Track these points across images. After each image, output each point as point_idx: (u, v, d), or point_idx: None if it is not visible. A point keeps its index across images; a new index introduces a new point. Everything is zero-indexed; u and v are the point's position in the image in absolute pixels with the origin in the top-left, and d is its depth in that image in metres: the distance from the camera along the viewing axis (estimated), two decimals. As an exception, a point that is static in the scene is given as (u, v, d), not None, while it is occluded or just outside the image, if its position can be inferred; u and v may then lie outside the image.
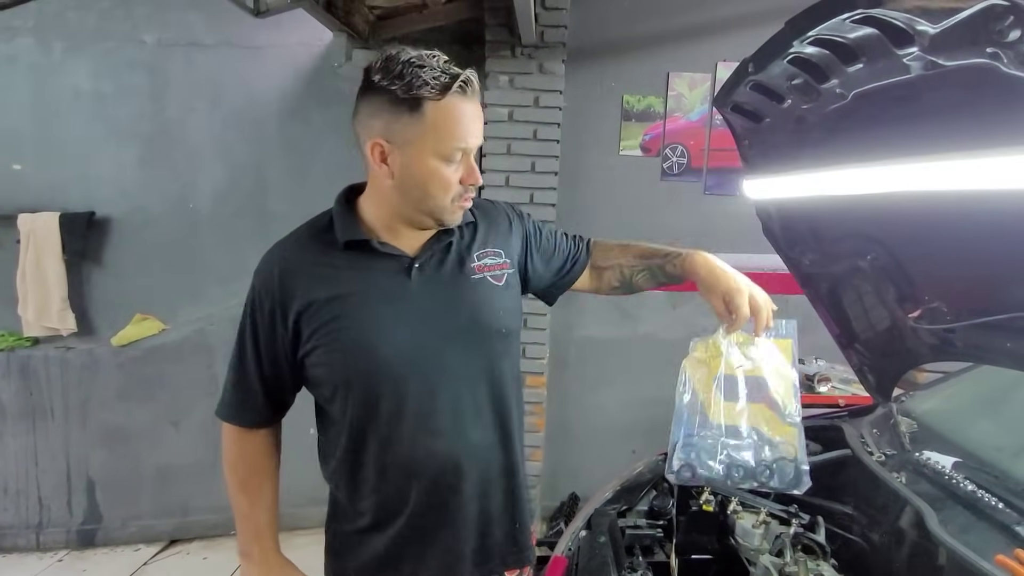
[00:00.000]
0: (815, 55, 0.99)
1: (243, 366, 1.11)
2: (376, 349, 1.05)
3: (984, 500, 1.15)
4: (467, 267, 1.14)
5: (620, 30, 2.97)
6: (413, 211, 1.05)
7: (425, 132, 0.97)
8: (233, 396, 1.13)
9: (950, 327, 1.35)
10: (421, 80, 0.96)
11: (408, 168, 1.00)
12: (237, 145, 3.08)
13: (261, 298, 1.09)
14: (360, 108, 1.02)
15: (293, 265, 1.08)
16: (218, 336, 3.11)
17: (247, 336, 1.11)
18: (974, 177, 0.87)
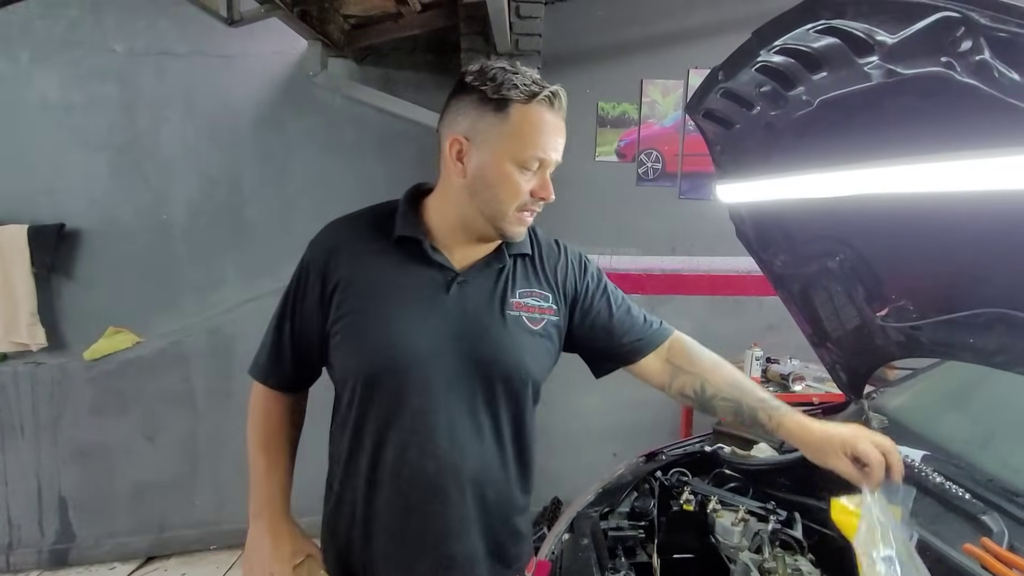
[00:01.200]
0: (781, 64, 1.02)
1: (280, 329, 1.15)
2: (389, 349, 1.04)
3: (952, 491, 1.19)
4: (507, 301, 1.10)
5: (594, 38, 3.01)
6: (477, 214, 1.05)
7: (506, 134, 0.99)
8: (266, 356, 1.17)
9: (916, 324, 1.39)
10: (511, 83, 0.98)
11: (483, 168, 1.01)
12: (211, 155, 3.05)
13: (309, 267, 1.11)
14: (447, 108, 1.05)
15: (344, 244, 1.10)
16: (194, 348, 3.06)
17: (290, 301, 1.14)
18: (934, 180, 0.90)
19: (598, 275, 1.25)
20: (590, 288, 1.21)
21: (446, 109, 1.06)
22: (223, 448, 3.14)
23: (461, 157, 1.02)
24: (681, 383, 1.22)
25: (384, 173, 3.12)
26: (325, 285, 1.08)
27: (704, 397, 1.20)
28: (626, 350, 1.22)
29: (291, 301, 1.14)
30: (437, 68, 3.01)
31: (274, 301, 1.07)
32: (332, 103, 3.02)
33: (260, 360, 1.19)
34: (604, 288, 1.24)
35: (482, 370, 1.07)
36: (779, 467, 1.62)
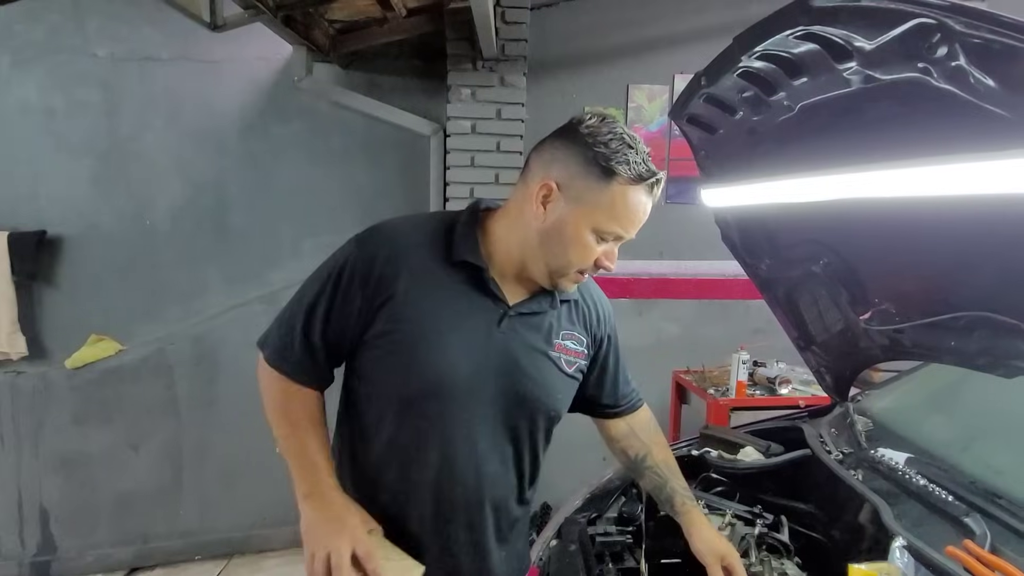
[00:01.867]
0: (763, 69, 1.03)
1: (310, 322, 1.05)
2: (437, 375, 1.03)
3: (935, 494, 1.19)
4: (551, 341, 1.13)
5: (580, 43, 3.02)
6: (539, 262, 1.04)
7: (600, 203, 0.98)
8: (284, 342, 1.07)
9: (899, 327, 1.40)
10: (624, 158, 0.97)
11: (562, 223, 1.00)
12: (195, 161, 3.02)
13: (356, 264, 1.04)
14: (548, 146, 1.03)
15: (402, 253, 1.04)
16: (178, 355, 3.03)
17: (324, 294, 1.05)
18: (913, 185, 0.91)
19: (615, 329, 1.29)
20: (610, 340, 1.26)
21: (545, 145, 1.04)
22: (207, 457, 3.10)
23: (546, 202, 1.01)
24: (628, 444, 1.34)
25: (370, 179, 3.11)
26: (375, 293, 1.03)
27: (641, 465, 1.32)
28: (609, 410, 1.32)
29: (328, 295, 1.05)
30: (424, 73, 3.00)
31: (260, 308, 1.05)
32: (318, 108, 3.01)
33: (275, 343, 1.08)
34: (615, 344, 1.28)
35: (518, 406, 1.10)
36: (766, 471, 1.62)
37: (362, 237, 1.08)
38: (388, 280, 1.02)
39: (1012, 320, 1.05)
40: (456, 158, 2.80)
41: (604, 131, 0.98)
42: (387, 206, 3.12)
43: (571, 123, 1.03)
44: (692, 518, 1.25)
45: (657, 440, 1.35)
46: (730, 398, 2.63)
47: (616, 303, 3.38)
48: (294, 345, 1.06)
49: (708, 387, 2.77)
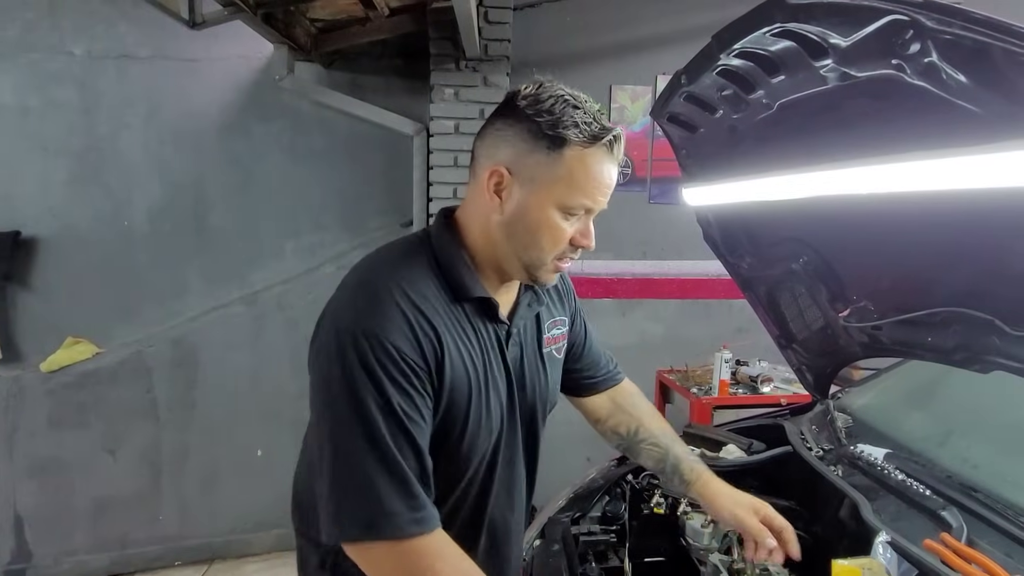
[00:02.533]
0: (741, 67, 1.03)
1: (392, 454, 0.83)
2: (479, 425, 0.95)
3: (913, 488, 1.20)
4: (542, 339, 1.08)
5: (563, 44, 3.03)
6: (510, 256, 0.94)
7: (557, 177, 0.87)
8: (402, 496, 0.82)
9: (877, 324, 1.42)
10: (572, 120, 0.85)
11: (523, 208, 0.89)
12: (174, 160, 2.98)
13: (410, 360, 0.84)
14: (490, 129, 0.92)
15: (436, 313, 0.89)
16: (157, 358, 2.98)
17: (408, 426, 0.84)
18: (891, 181, 0.92)
19: (578, 302, 1.25)
20: (580, 312, 1.23)
21: (487, 129, 0.92)
22: (187, 461, 3.06)
23: (499, 191, 0.90)
24: (617, 421, 1.28)
25: (353, 179, 3.08)
26: (439, 377, 0.88)
27: (635, 439, 1.26)
28: (587, 383, 1.28)
29: (403, 414, 0.84)
30: (406, 73, 2.99)
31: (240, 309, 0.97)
32: (299, 108, 2.99)
33: (392, 505, 0.82)
34: (583, 317, 1.25)
35: (533, 413, 1.08)
36: (748, 468, 1.63)
37: (364, 326, 0.84)
38: (441, 354, 0.88)
39: (987, 316, 1.06)
40: (439, 158, 2.79)
41: (544, 96, 0.87)
42: (370, 207, 3.10)
43: (508, 98, 0.92)
44: (707, 484, 1.17)
45: (646, 410, 1.29)
46: (713, 397, 2.65)
47: (599, 303, 3.39)
48: (407, 486, 0.83)
49: (691, 386, 2.78)
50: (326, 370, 0.85)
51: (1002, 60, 0.62)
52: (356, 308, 0.86)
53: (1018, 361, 1.03)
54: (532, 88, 0.90)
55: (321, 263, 3.05)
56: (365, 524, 0.81)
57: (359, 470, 0.82)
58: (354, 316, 0.85)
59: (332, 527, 0.83)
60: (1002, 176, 0.68)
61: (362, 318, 0.84)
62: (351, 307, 0.87)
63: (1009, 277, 1.02)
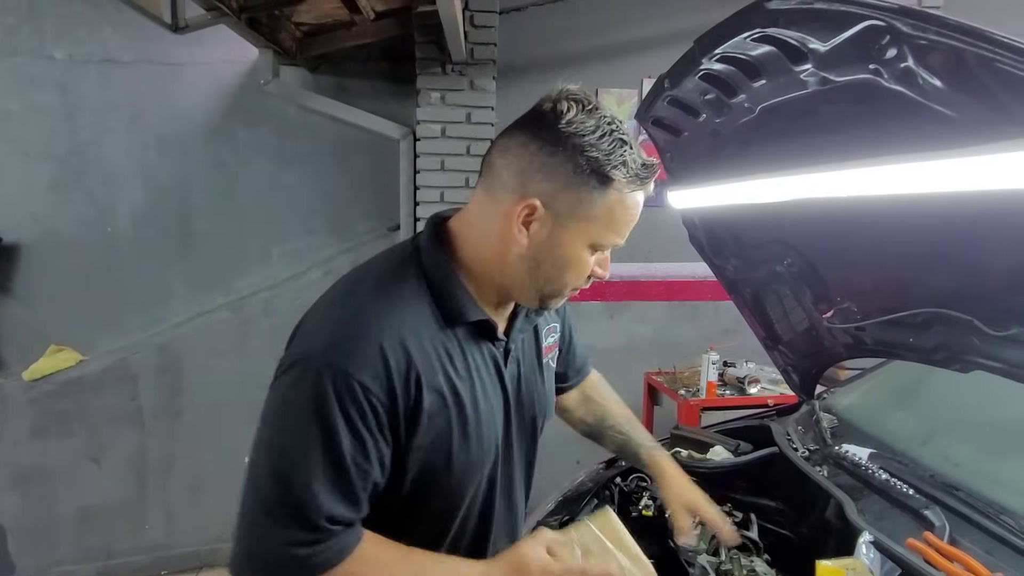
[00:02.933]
0: (723, 71, 1.04)
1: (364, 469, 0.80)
2: (479, 451, 0.90)
3: (897, 488, 1.22)
4: (541, 350, 1.05)
5: (549, 48, 3.03)
6: (528, 288, 0.88)
7: (595, 216, 0.82)
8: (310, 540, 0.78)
9: (861, 325, 1.43)
10: (622, 159, 0.80)
11: (553, 243, 0.83)
12: (158, 165, 2.96)
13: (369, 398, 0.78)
14: (523, 150, 0.82)
15: (422, 346, 0.83)
16: (141, 365, 2.95)
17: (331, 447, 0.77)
18: (871, 184, 0.93)
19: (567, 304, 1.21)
20: (567, 316, 1.23)
21: (515, 147, 0.83)
22: (173, 469, 3.02)
23: (528, 223, 0.83)
24: (586, 411, 1.33)
25: (340, 183, 3.07)
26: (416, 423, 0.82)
27: (602, 426, 1.32)
28: (569, 383, 1.30)
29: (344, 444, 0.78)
30: (392, 77, 2.99)
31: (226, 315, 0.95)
32: (285, 112, 2.97)
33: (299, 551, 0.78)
34: (569, 317, 1.24)
35: (533, 427, 1.04)
36: (735, 469, 1.64)
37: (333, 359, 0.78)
38: (414, 389, 0.81)
39: (966, 317, 1.07)
40: (426, 162, 2.79)
41: (590, 127, 0.79)
42: (357, 211, 3.09)
43: (546, 115, 0.82)
44: (661, 467, 1.25)
45: (612, 398, 1.34)
46: (700, 398, 2.66)
47: (587, 306, 3.39)
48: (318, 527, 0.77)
49: (679, 388, 2.79)
50: (282, 393, 0.81)
51: (976, 65, 0.63)
52: (332, 337, 0.80)
53: (997, 361, 1.05)
54: (578, 113, 0.81)
55: (308, 268, 3.03)
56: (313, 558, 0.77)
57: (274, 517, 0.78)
58: (327, 346, 0.79)
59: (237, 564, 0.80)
60: (978, 179, 0.69)
61: (335, 351, 0.78)
62: (327, 334, 0.81)
63: (988, 279, 1.04)
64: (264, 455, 0.80)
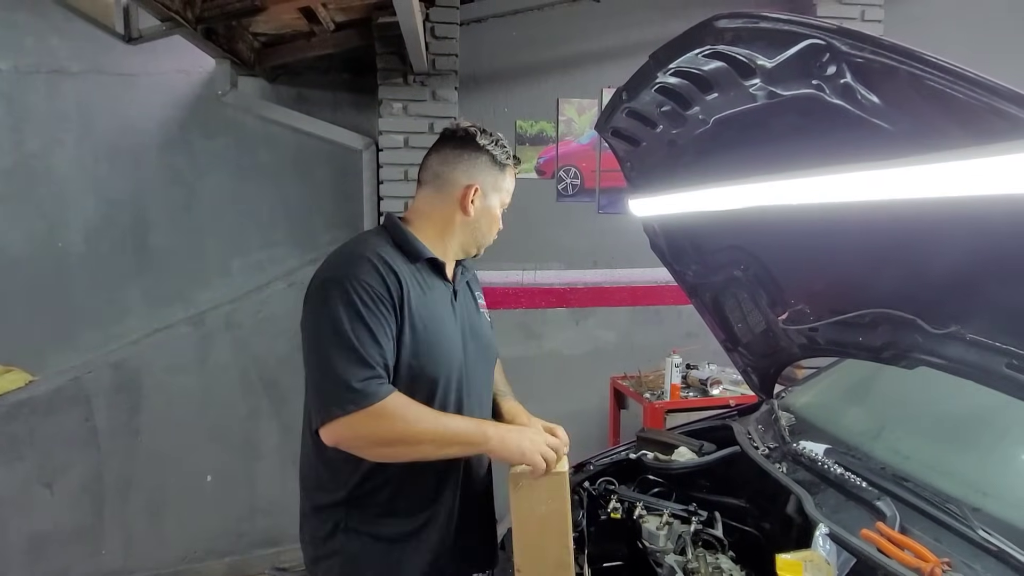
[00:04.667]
0: (678, 85, 1.08)
1: (363, 352, 1.12)
2: (442, 356, 1.24)
3: (851, 481, 1.27)
4: (477, 301, 1.44)
5: (510, 58, 3.07)
6: (470, 241, 1.35)
7: (500, 188, 1.35)
8: (369, 375, 1.12)
9: (813, 326, 1.49)
10: (507, 153, 1.35)
11: (484, 211, 1.32)
12: (112, 179, 2.87)
13: (377, 289, 1.15)
14: (458, 157, 1.30)
15: (398, 266, 1.21)
16: (96, 385, 2.85)
17: (362, 324, 1.13)
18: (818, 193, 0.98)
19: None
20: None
21: (452, 157, 1.30)
22: (131, 490, 2.92)
23: (473, 199, 1.29)
24: None
25: (302, 195, 3.04)
26: (400, 304, 1.18)
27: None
28: None
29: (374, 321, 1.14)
30: (354, 87, 2.98)
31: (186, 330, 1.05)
32: (244, 123, 2.93)
33: (362, 383, 1.11)
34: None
35: (487, 357, 1.41)
36: (699, 469, 1.68)
37: (352, 269, 1.17)
38: (403, 290, 1.19)
39: (910, 316, 1.13)
40: (389, 172, 2.79)
41: (488, 139, 1.31)
42: (320, 222, 3.06)
43: (463, 136, 1.31)
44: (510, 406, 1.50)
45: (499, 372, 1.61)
46: (665, 401, 2.71)
47: (553, 313, 3.41)
48: (375, 373, 1.12)
49: (644, 391, 2.84)
50: (316, 309, 1.15)
51: (907, 82, 0.67)
52: (337, 265, 1.20)
53: (939, 358, 1.11)
54: (478, 132, 1.32)
55: (271, 280, 2.98)
56: (345, 401, 1.09)
57: (338, 366, 1.10)
58: (335, 268, 1.20)
59: (322, 411, 1.11)
60: (912, 189, 0.74)
61: (341, 269, 1.18)
62: (332, 266, 1.20)
63: (928, 280, 1.10)
64: (320, 338, 1.14)
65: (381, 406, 1.11)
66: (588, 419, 3.23)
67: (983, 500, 1.11)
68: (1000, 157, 0.58)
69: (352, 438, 1.12)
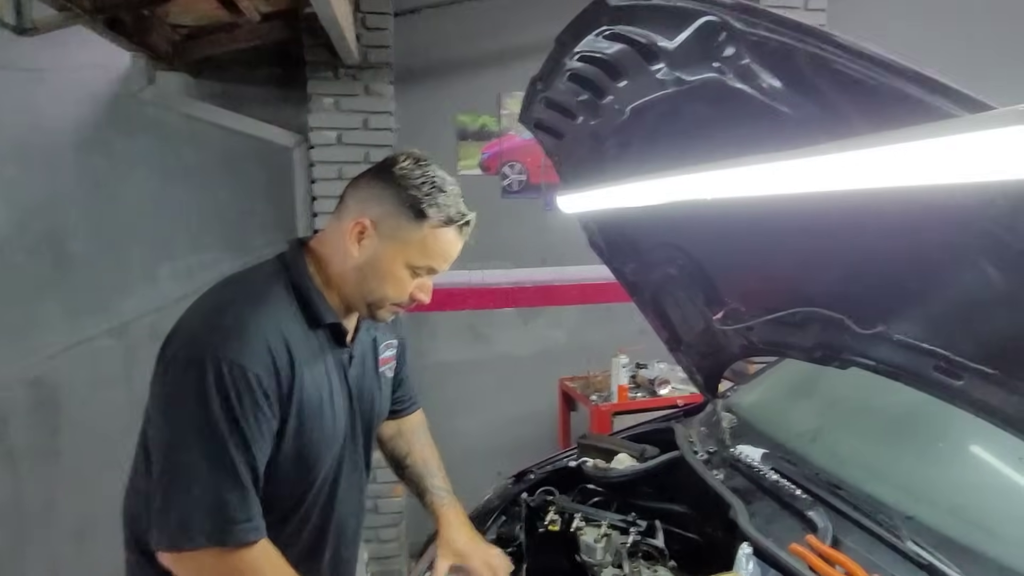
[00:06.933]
0: (586, 71, 1.01)
1: (239, 470, 0.94)
2: (323, 444, 1.08)
3: (785, 489, 1.21)
4: (378, 360, 1.24)
5: (449, 51, 2.96)
6: (357, 296, 1.08)
7: (411, 242, 1.03)
8: (245, 508, 0.94)
9: (749, 325, 1.43)
10: (436, 202, 1.02)
11: (377, 259, 1.04)
12: (22, 182, 2.68)
13: (264, 383, 0.95)
14: (365, 184, 1.07)
15: (294, 340, 1.01)
16: (11, 403, 2.67)
17: (238, 433, 0.93)
18: (733, 186, 0.90)
19: (404, 333, 1.39)
20: (404, 343, 1.37)
21: (361, 183, 1.07)
22: (54, 514, 2.75)
23: (360, 239, 1.03)
24: (395, 445, 1.43)
25: (232, 196, 2.88)
26: (288, 401, 1.00)
27: (403, 463, 1.42)
28: (394, 411, 1.39)
29: (246, 428, 0.94)
30: (284, 82, 2.82)
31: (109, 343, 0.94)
32: (166, 121, 2.76)
33: (237, 515, 0.93)
34: (405, 347, 1.38)
35: (369, 428, 1.24)
36: (640, 476, 1.61)
37: (222, 352, 0.93)
38: (298, 384, 1.01)
39: (838, 315, 1.07)
40: (322, 171, 2.65)
41: (416, 174, 1.03)
42: (254, 223, 2.91)
43: (386, 163, 1.07)
44: (442, 517, 1.35)
45: (423, 441, 1.46)
46: (612, 403, 2.65)
47: (500, 313, 3.32)
48: (244, 500, 0.94)
49: (591, 393, 2.78)
50: (181, 387, 0.93)
51: (806, 63, 0.60)
52: (220, 332, 0.95)
53: (868, 358, 1.05)
54: (409, 162, 1.05)
55: (200, 287, 2.74)
56: (209, 532, 0.91)
57: (207, 484, 0.91)
58: (217, 341, 0.94)
59: (176, 534, 0.91)
60: (819, 181, 0.66)
61: (226, 345, 0.94)
62: (215, 330, 0.96)
63: (855, 278, 1.04)
64: (183, 436, 0.93)
65: (241, 555, 0.93)
66: (538, 422, 3.15)
67: (916, 507, 1.06)
68: (899, 145, 0.51)
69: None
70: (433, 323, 3.07)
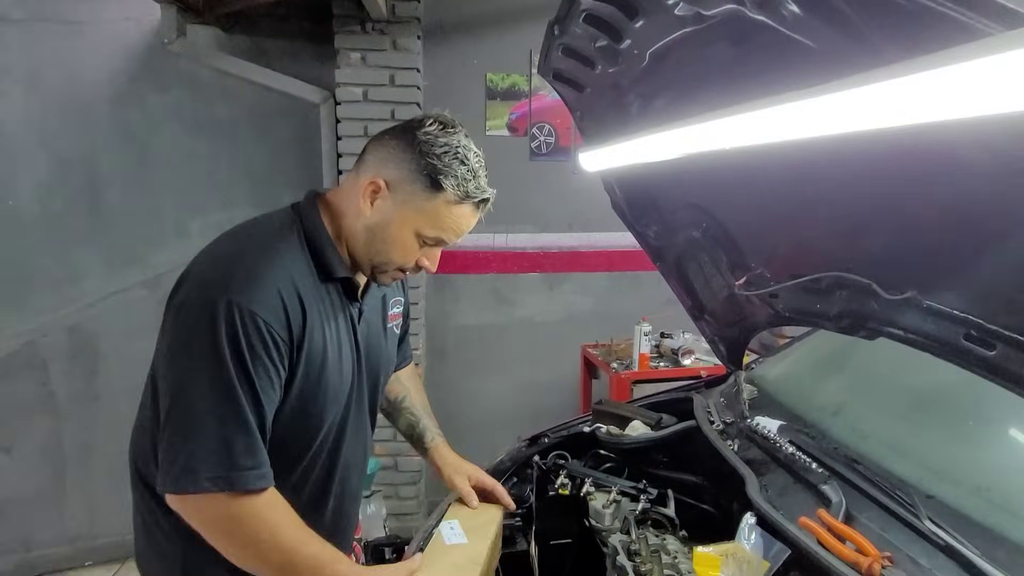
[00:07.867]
0: (602, 10, 0.94)
1: (247, 416, 0.92)
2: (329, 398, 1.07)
3: (800, 461, 1.16)
4: (386, 316, 1.24)
5: (479, 5, 2.86)
6: (363, 255, 1.06)
7: (423, 211, 1.00)
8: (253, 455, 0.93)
9: (773, 292, 1.36)
10: (455, 174, 0.98)
11: (386, 222, 1.02)
12: (62, 134, 2.73)
13: (275, 332, 0.94)
14: (386, 142, 1.03)
15: (305, 291, 0.99)
16: (52, 349, 2.76)
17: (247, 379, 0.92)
18: (761, 130, 0.83)
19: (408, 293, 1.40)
20: (407, 301, 1.37)
21: (383, 141, 1.03)
22: (93, 456, 2.87)
23: (373, 199, 1.01)
24: (390, 389, 1.42)
25: (262, 152, 2.89)
26: (298, 345, 0.99)
27: (400, 406, 1.44)
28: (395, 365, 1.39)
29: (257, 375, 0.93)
30: (313, 37, 2.78)
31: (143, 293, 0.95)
32: (198, 75, 2.76)
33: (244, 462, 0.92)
34: (408, 306, 1.37)
35: (376, 383, 1.22)
36: (654, 444, 1.57)
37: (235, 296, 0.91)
38: (306, 326, 0.99)
39: (865, 280, 1.00)
40: (348, 127, 2.63)
41: (440, 142, 0.99)
42: (282, 181, 2.91)
43: (411, 124, 1.02)
44: (439, 453, 1.39)
45: (416, 386, 1.49)
46: (632, 371, 2.60)
47: (526, 278, 3.28)
48: (252, 448, 0.92)
49: (612, 360, 2.73)
50: (192, 331, 0.92)
51: (831, -18, 0.53)
52: (233, 279, 0.93)
53: (896, 327, 0.98)
54: (436, 127, 1.00)
55: (230, 242, 2.85)
56: (215, 476, 0.90)
57: (215, 429, 0.90)
58: (230, 286, 0.92)
59: (181, 477, 0.90)
60: (845, 122, 0.60)
61: (238, 291, 0.92)
62: (228, 277, 0.94)
63: (887, 238, 0.96)
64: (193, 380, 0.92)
65: (246, 501, 0.92)
66: (560, 388, 3.13)
67: (939, 486, 0.99)
68: (938, 70, 0.45)
69: (199, 520, 0.94)
70: (457, 286, 3.06)
